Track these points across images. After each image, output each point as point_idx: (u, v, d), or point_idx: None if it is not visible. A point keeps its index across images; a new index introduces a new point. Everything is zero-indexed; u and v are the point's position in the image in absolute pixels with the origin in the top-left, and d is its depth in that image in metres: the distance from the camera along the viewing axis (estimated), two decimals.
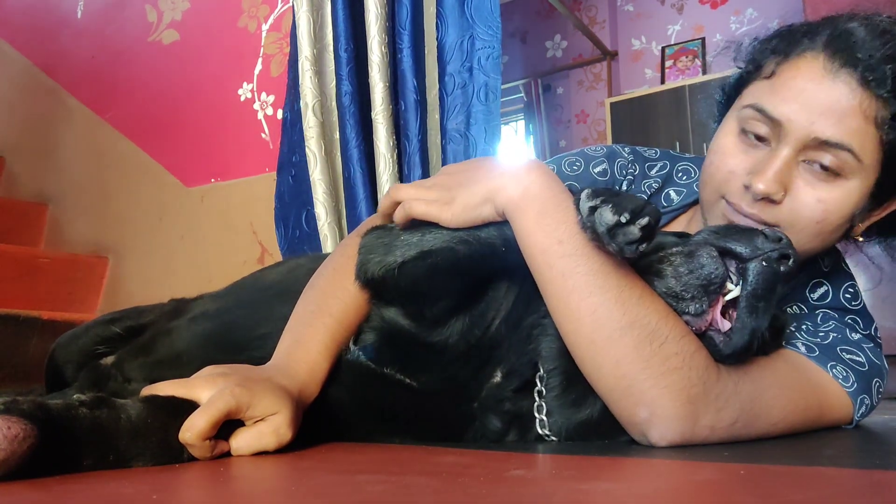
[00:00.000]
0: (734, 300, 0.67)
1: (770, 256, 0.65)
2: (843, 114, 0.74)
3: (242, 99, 2.20)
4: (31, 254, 2.32)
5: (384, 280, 0.75)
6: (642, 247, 0.60)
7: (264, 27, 2.17)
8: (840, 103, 0.75)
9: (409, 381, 0.75)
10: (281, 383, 0.65)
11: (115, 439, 0.54)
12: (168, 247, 2.32)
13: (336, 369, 0.73)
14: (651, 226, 0.60)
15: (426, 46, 1.69)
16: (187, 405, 0.59)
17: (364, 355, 0.75)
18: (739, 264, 0.66)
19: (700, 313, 0.67)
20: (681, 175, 1.00)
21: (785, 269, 0.66)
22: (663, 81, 4.54)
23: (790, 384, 0.75)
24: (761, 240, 0.66)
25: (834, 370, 0.79)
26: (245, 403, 0.60)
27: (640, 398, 0.65)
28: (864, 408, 0.81)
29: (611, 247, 0.61)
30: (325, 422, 0.71)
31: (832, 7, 0.83)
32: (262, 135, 2.14)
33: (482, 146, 1.56)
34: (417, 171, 1.64)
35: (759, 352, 0.73)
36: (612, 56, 4.86)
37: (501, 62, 1.59)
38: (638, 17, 4.88)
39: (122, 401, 0.57)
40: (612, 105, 4.39)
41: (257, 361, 0.70)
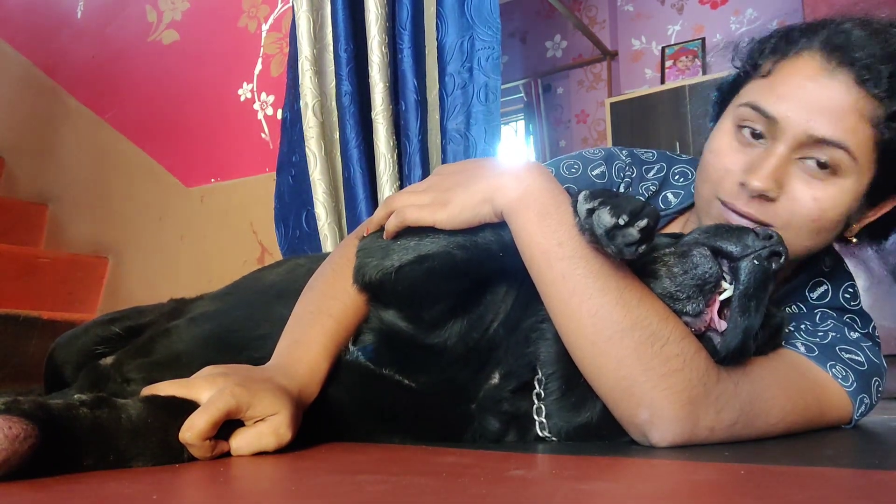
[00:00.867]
0: (730, 300, 0.66)
1: (760, 254, 0.65)
2: (839, 112, 0.74)
3: (242, 99, 2.20)
4: (31, 254, 2.31)
5: (381, 284, 0.75)
6: (641, 248, 0.60)
7: (264, 27, 2.17)
8: (836, 101, 0.75)
9: (408, 382, 0.75)
10: (281, 383, 0.65)
11: (115, 439, 0.54)
12: (168, 247, 2.32)
13: (336, 370, 0.74)
14: (650, 227, 0.59)
15: (426, 47, 1.69)
16: (187, 405, 0.59)
17: (363, 356, 0.76)
18: (731, 263, 0.66)
19: (697, 313, 0.67)
20: (678, 177, 1.00)
21: (776, 266, 0.66)
22: (663, 81, 4.53)
23: (790, 384, 0.75)
24: (751, 238, 0.66)
25: (833, 370, 0.79)
26: (245, 403, 0.60)
27: (641, 399, 0.65)
28: (864, 407, 0.81)
29: (609, 249, 0.61)
30: (324, 422, 0.72)
31: (831, 7, 0.83)
32: (262, 135, 2.14)
33: (482, 146, 1.56)
34: (417, 172, 1.63)
35: (758, 351, 0.73)
36: (612, 56, 4.86)
37: (501, 62, 1.59)
38: (638, 17, 4.88)
39: (122, 401, 0.57)
40: (612, 105, 4.38)
41: (257, 362, 0.70)
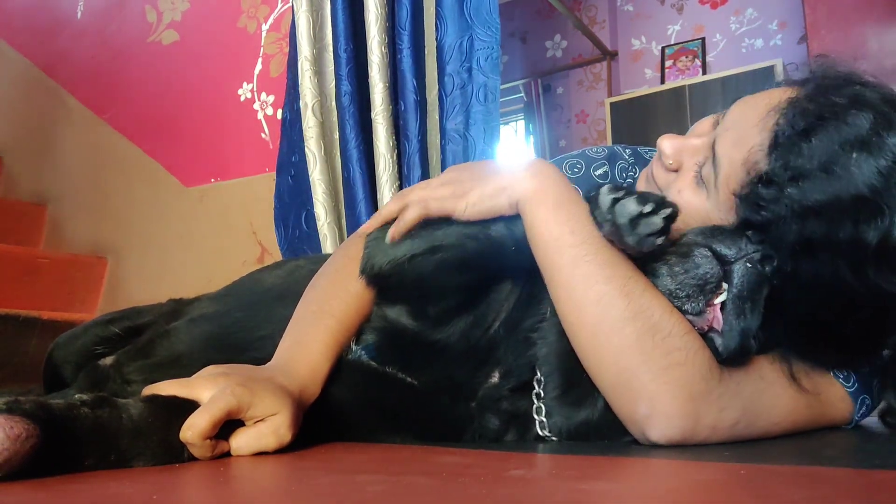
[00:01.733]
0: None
1: (753, 258, 0.66)
2: (741, 137, 0.73)
3: (242, 99, 2.19)
4: (31, 254, 2.31)
5: (391, 275, 0.75)
6: (660, 240, 0.63)
7: (264, 27, 2.17)
8: (747, 125, 0.73)
9: (411, 380, 0.75)
10: (282, 383, 0.65)
11: (116, 439, 0.54)
12: (167, 247, 2.32)
13: (338, 369, 0.74)
14: (673, 217, 0.62)
15: (426, 47, 1.69)
16: (188, 405, 0.59)
17: (366, 354, 0.76)
18: (723, 266, 0.67)
19: (698, 312, 0.67)
20: None
21: (770, 269, 0.66)
22: (663, 81, 4.53)
23: (791, 384, 0.75)
24: (745, 241, 0.67)
25: (835, 370, 0.79)
26: (246, 403, 0.60)
27: (640, 393, 0.65)
28: (865, 408, 0.81)
29: (630, 238, 0.63)
30: (326, 421, 0.72)
31: (831, 7, 0.83)
32: (262, 135, 2.14)
33: (481, 146, 1.56)
34: (417, 172, 1.63)
35: (760, 351, 0.73)
36: (611, 56, 4.85)
37: (501, 62, 1.59)
38: (638, 17, 4.88)
39: (123, 400, 0.57)
40: (612, 105, 4.38)
41: (258, 363, 0.70)
